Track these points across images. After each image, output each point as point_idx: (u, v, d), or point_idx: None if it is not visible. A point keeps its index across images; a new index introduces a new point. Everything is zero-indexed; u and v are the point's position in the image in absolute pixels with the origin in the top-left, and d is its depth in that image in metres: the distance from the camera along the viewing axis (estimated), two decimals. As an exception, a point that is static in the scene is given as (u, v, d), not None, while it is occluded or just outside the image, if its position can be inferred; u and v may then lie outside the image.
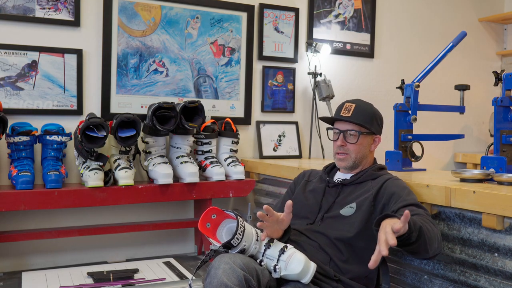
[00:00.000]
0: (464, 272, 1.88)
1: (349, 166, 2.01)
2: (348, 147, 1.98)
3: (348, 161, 1.99)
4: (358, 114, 1.98)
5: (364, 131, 1.99)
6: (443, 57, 2.60)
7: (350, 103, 2.01)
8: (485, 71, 4.26)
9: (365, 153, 2.02)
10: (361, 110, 2.00)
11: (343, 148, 1.99)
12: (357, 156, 1.99)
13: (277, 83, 3.50)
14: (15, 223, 2.80)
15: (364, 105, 2.03)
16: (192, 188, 2.87)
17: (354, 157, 1.99)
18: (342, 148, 1.99)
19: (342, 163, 2.01)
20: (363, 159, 2.02)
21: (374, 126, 2.02)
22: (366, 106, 2.03)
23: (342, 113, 1.99)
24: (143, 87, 3.08)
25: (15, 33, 2.78)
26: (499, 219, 1.72)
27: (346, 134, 1.98)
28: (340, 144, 1.99)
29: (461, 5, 4.22)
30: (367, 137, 2.01)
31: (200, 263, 1.74)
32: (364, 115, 1.99)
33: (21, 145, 2.63)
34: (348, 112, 1.98)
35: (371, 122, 2.00)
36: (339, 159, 2.01)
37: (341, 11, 3.71)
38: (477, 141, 4.32)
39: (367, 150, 2.02)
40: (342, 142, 1.98)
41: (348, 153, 1.99)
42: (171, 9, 3.13)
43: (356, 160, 2.00)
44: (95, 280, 2.45)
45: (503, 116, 2.19)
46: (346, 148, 1.98)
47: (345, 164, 2.01)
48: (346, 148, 1.98)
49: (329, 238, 1.88)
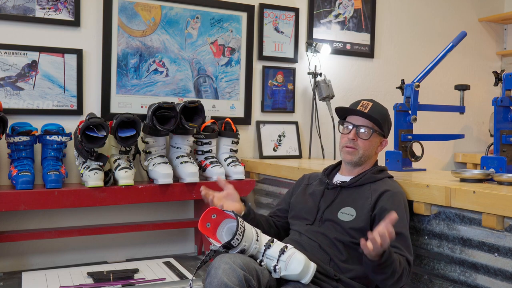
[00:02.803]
0: (464, 272, 1.88)
1: (355, 162, 2.01)
2: (359, 142, 1.99)
3: (355, 155, 2.00)
4: (375, 112, 2.00)
5: (377, 129, 2.00)
6: (443, 57, 2.60)
7: (368, 101, 2.03)
8: (485, 71, 4.26)
9: (371, 153, 2.03)
10: (377, 110, 2.02)
11: (353, 142, 1.99)
12: (364, 153, 2.00)
13: (277, 83, 3.50)
14: (15, 223, 2.80)
15: (380, 106, 2.06)
16: (192, 188, 2.87)
17: (361, 153, 2.00)
18: (352, 142, 1.99)
19: (349, 156, 2.00)
20: (368, 158, 2.02)
21: (385, 129, 2.05)
22: (382, 107, 2.06)
23: (359, 108, 2.01)
24: (143, 87, 3.08)
25: (15, 33, 2.78)
26: (499, 219, 1.72)
27: (359, 129, 1.99)
28: (352, 138, 1.99)
29: (461, 5, 4.22)
30: (377, 138, 2.02)
31: (200, 263, 1.74)
32: (381, 115, 2.01)
33: (21, 145, 2.63)
34: (365, 108, 2.00)
35: (384, 123, 2.03)
36: (347, 151, 2.00)
37: (341, 11, 3.71)
38: (477, 141, 4.32)
39: (374, 150, 2.03)
40: (354, 136, 1.99)
41: (357, 148, 1.99)
42: (171, 9, 3.13)
43: (362, 157, 2.00)
44: (95, 280, 2.45)
45: (503, 116, 2.19)
46: (356, 143, 1.99)
47: (351, 158, 2.00)
48: (356, 143, 1.99)
49: (329, 238, 1.88)
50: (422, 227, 2.04)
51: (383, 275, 1.69)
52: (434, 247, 1.99)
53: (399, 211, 1.86)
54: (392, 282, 1.73)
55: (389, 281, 1.72)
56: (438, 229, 1.97)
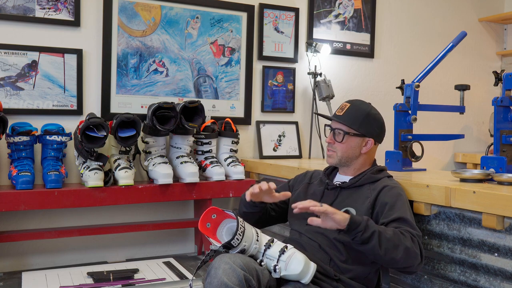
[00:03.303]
0: (464, 272, 1.88)
1: (335, 163, 2.04)
2: (336, 145, 2.01)
3: (334, 158, 2.03)
4: (349, 114, 1.99)
5: (351, 131, 1.98)
6: (443, 57, 2.60)
7: (347, 102, 2.04)
8: (485, 71, 4.26)
9: (353, 154, 2.00)
10: (354, 110, 1.99)
11: (331, 145, 2.03)
12: (343, 155, 2.00)
13: (277, 83, 3.50)
14: (15, 223, 2.80)
15: (360, 106, 2.01)
16: (192, 188, 2.87)
17: (340, 156, 2.01)
18: (331, 146, 2.03)
19: (329, 159, 2.05)
20: (351, 159, 2.01)
21: (366, 128, 1.99)
22: (362, 107, 2.02)
23: (337, 111, 2.04)
24: (143, 87, 3.08)
25: (15, 33, 2.78)
26: (499, 219, 1.72)
27: (336, 132, 2.01)
28: (328, 141, 2.04)
29: (461, 5, 4.22)
30: (355, 138, 1.99)
31: (200, 263, 1.74)
32: (356, 116, 1.98)
33: (21, 145, 2.63)
34: (341, 111, 2.01)
35: (361, 123, 1.98)
36: (328, 155, 2.06)
37: (341, 11, 3.71)
38: (477, 141, 4.32)
39: (357, 151, 2.00)
40: (330, 139, 2.03)
41: (335, 151, 2.01)
42: (171, 9, 3.13)
43: (342, 159, 2.01)
44: (95, 280, 2.45)
45: (503, 116, 2.19)
46: (334, 146, 2.02)
47: (331, 161, 2.05)
48: (334, 146, 2.02)
49: (329, 239, 1.88)
50: (422, 227, 2.04)
51: (368, 245, 1.67)
52: (434, 247, 1.99)
53: (398, 201, 1.86)
54: (396, 254, 1.69)
55: (388, 253, 1.68)
56: (438, 229, 1.98)
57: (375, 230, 1.68)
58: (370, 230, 1.67)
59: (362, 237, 1.67)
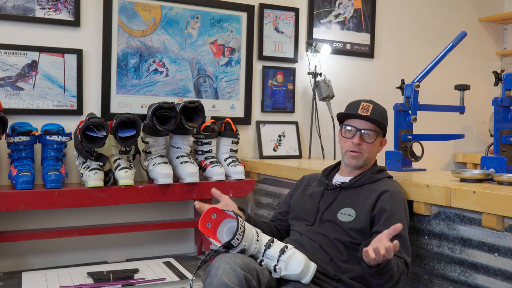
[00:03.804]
0: (464, 272, 1.88)
1: (360, 165, 2.00)
2: (363, 146, 1.97)
3: (360, 159, 1.99)
4: (376, 115, 1.98)
5: (380, 132, 2.00)
6: (443, 57, 2.60)
7: (367, 102, 2.01)
8: (485, 71, 4.26)
9: (374, 154, 2.04)
10: (378, 111, 2.01)
11: (358, 146, 1.97)
12: (369, 156, 2.00)
13: (277, 83, 3.50)
14: (15, 223, 2.80)
15: (380, 107, 2.04)
16: (192, 188, 2.87)
17: (366, 157, 1.99)
18: (357, 147, 1.97)
19: (354, 161, 1.99)
20: (371, 160, 2.03)
21: (386, 129, 2.05)
22: (381, 108, 2.05)
23: (360, 111, 1.97)
24: (143, 87, 3.08)
25: (15, 33, 2.78)
26: (499, 219, 1.72)
27: (363, 133, 1.98)
28: (357, 142, 1.96)
29: (461, 5, 4.22)
30: (379, 139, 2.03)
31: (200, 263, 1.74)
32: (383, 117, 2.02)
33: (21, 145, 2.63)
34: (366, 111, 1.97)
35: (386, 124, 2.03)
36: (353, 156, 1.98)
37: (341, 11, 3.71)
38: (477, 141, 4.32)
39: (376, 151, 2.03)
40: (359, 140, 1.97)
41: (362, 152, 1.98)
42: (171, 9, 3.13)
43: (367, 159, 2.00)
44: (95, 280, 2.45)
45: (503, 116, 2.19)
46: (361, 147, 1.97)
47: (356, 162, 1.99)
48: (361, 147, 1.97)
49: (329, 239, 1.88)
50: (422, 227, 2.04)
51: (380, 280, 1.69)
52: (434, 247, 1.99)
53: (398, 211, 1.87)
54: (389, 285, 1.73)
55: (386, 285, 1.73)
56: (438, 229, 1.97)
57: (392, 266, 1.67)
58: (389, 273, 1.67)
59: (379, 272, 1.66)
